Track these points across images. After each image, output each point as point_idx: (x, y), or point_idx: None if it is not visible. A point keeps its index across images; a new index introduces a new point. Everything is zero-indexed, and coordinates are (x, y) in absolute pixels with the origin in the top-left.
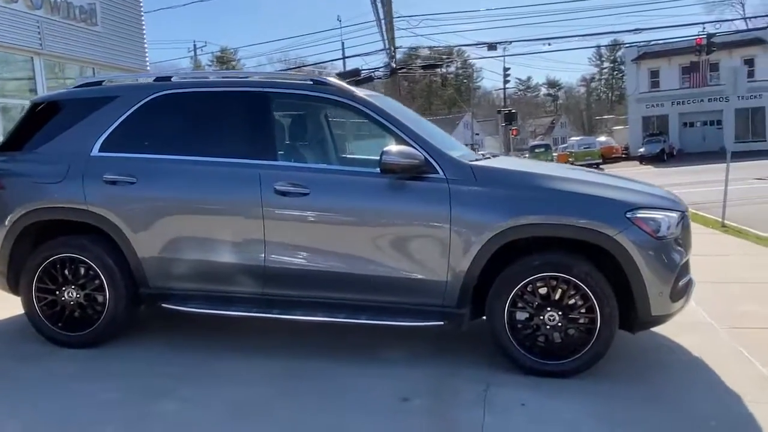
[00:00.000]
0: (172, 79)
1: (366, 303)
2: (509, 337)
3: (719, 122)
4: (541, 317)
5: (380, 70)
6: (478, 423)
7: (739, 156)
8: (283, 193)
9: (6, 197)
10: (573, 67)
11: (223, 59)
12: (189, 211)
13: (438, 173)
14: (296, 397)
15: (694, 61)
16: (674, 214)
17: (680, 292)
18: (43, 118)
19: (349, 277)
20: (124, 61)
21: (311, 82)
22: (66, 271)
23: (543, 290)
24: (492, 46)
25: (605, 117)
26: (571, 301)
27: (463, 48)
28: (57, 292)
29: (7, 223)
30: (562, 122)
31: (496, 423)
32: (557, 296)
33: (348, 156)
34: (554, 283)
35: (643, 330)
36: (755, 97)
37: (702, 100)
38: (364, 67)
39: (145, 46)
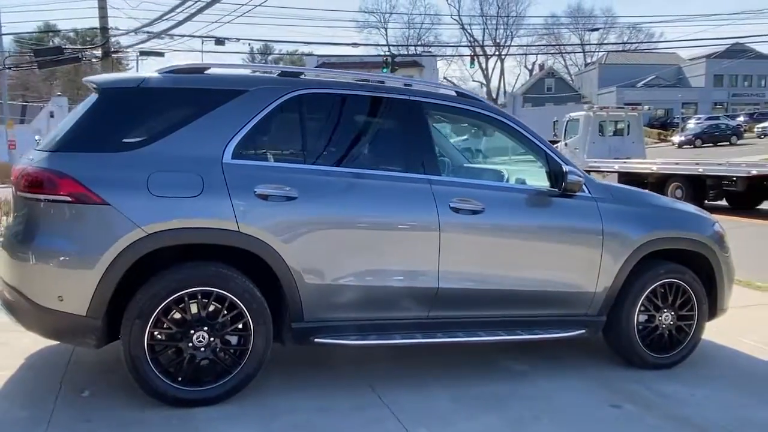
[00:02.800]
0: (303, 76)
1: (520, 318)
2: (636, 336)
3: None
4: (660, 318)
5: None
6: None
7: None
8: (457, 210)
9: (110, 216)
10: None
11: None
12: (357, 231)
13: (584, 191)
14: (528, 424)
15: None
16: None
17: (731, 288)
18: (129, 109)
19: (513, 294)
20: None
21: (455, 94)
22: (195, 310)
23: (661, 294)
24: None
25: None
26: (679, 302)
27: None
28: (181, 338)
29: (113, 251)
30: None
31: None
32: (671, 299)
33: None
34: (668, 287)
35: (713, 319)
36: None
37: None
38: None
39: None
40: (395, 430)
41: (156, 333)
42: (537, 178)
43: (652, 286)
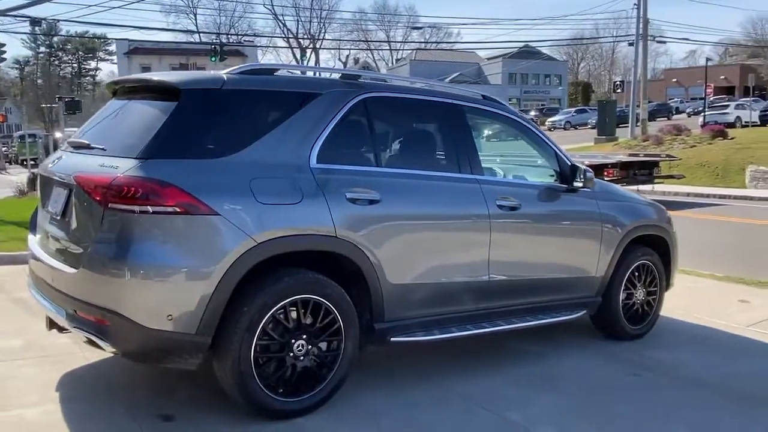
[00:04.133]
0: (360, 80)
1: (543, 304)
2: (621, 312)
3: None
4: (636, 294)
5: None
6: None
7: None
8: (502, 207)
9: (220, 226)
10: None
11: None
12: (430, 231)
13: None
14: (586, 398)
15: (183, 63)
16: None
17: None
18: (215, 112)
19: (541, 282)
20: None
21: (482, 97)
22: (295, 318)
23: (636, 274)
24: None
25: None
26: (648, 280)
27: None
28: (283, 349)
29: (225, 262)
30: (6, 108)
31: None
32: (644, 278)
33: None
34: (641, 268)
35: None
36: None
37: None
38: None
39: None
40: (489, 417)
41: (261, 345)
42: (535, 175)
43: (632, 268)
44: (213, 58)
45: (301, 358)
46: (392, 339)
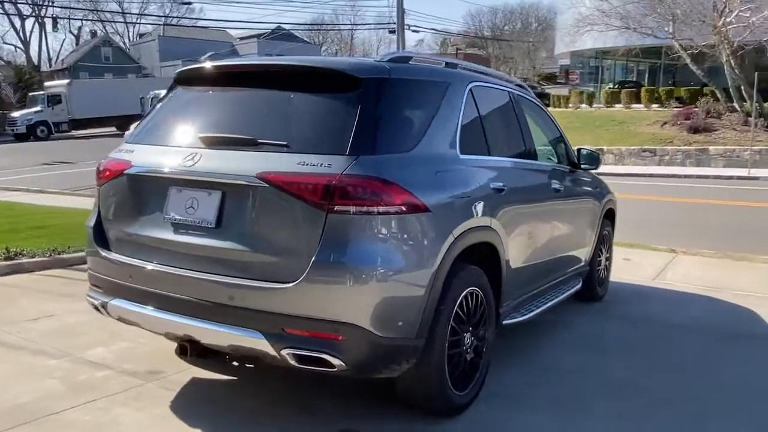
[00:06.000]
0: (459, 67)
1: (565, 277)
2: (597, 276)
3: None
4: (602, 259)
5: None
6: None
7: None
8: (557, 191)
9: (431, 223)
10: None
11: None
12: (530, 217)
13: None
14: (612, 352)
15: None
16: None
17: None
18: (391, 103)
19: (568, 257)
20: None
21: (517, 85)
22: (465, 311)
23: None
24: None
25: None
26: (606, 246)
27: None
28: (461, 342)
29: (438, 260)
30: None
31: None
32: (605, 245)
33: None
34: (604, 237)
35: None
36: None
37: None
38: None
39: None
40: (597, 378)
41: (450, 342)
42: (547, 158)
43: (601, 237)
44: None
45: (469, 350)
46: (505, 322)
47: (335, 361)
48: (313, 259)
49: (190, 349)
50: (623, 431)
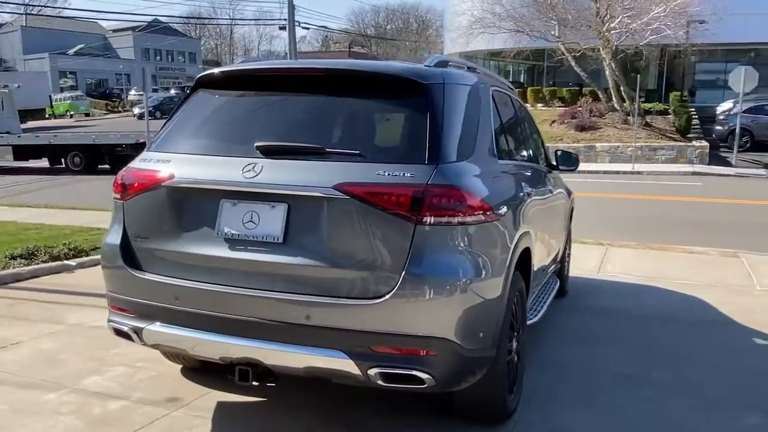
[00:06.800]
0: (478, 71)
1: (547, 278)
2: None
3: None
4: (565, 256)
5: None
6: None
7: None
8: (552, 191)
9: (502, 231)
10: None
11: None
12: (541, 218)
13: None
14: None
15: None
16: None
17: None
18: (449, 108)
19: (553, 257)
20: None
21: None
22: (514, 316)
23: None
24: None
25: None
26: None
27: None
28: (512, 349)
29: (509, 267)
30: None
31: None
32: (568, 242)
33: None
34: (568, 235)
35: None
36: None
37: None
38: None
39: None
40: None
41: (506, 348)
42: None
43: (568, 234)
44: None
45: (515, 354)
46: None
47: (425, 377)
48: (403, 273)
49: (251, 374)
50: (655, 410)
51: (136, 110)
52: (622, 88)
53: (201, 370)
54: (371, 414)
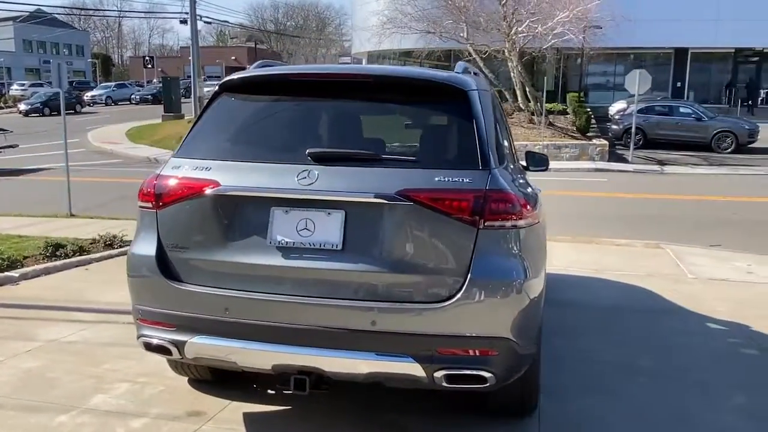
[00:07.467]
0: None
1: None
2: None
3: None
4: None
5: None
6: None
7: None
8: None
9: (542, 234)
10: None
11: None
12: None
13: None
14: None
15: None
16: None
17: None
18: (485, 114)
19: None
20: None
21: None
22: None
23: None
24: None
25: None
26: None
27: None
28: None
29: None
30: None
31: None
32: None
33: None
34: None
35: None
36: None
37: None
38: None
39: None
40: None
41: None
42: None
43: None
44: None
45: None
46: None
47: (488, 376)
48: (468, 275)
49: (309, 383)
50: (655, 393)
51: (22, 106)
52: (527, 89)
53: (212, 382)
54: (407, 417)
